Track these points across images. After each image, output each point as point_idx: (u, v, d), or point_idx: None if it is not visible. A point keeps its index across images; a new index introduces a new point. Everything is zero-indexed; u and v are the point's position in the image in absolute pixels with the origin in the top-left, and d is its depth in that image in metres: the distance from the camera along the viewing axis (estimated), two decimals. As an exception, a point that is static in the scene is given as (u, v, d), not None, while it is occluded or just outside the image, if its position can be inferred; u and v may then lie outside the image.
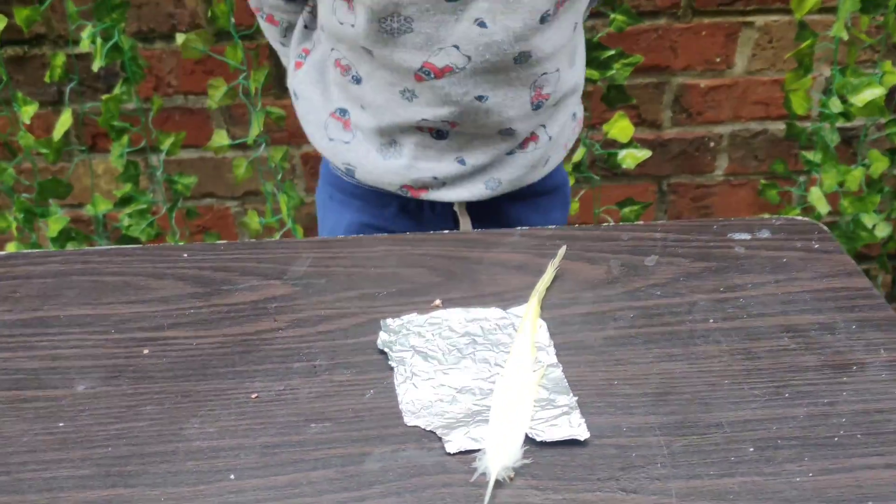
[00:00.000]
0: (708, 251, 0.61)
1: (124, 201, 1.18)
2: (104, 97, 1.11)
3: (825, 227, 0.62)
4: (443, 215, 0.81)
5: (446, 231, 0.65)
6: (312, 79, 0.80)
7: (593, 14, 1.16)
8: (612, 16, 1.08)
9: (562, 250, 0.60)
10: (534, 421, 0.46)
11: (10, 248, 1.23)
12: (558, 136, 0.80)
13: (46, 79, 1.10)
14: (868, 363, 0.50)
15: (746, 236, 0.62)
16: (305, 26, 0.82)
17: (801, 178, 1.36)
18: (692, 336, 0.53)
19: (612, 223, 0.95)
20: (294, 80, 0.83)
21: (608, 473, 0.43)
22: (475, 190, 0.77)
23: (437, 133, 0.74)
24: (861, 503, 0.41)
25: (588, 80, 1.15)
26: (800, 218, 0.64)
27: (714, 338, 0.53)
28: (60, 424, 0.48)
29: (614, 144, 1.21)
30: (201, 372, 0.51)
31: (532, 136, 0.77)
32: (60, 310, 0.57)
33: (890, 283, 1.51)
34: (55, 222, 1.18)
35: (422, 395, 0.49)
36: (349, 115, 0.77)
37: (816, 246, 0.61)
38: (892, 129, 1.26)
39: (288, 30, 0.84)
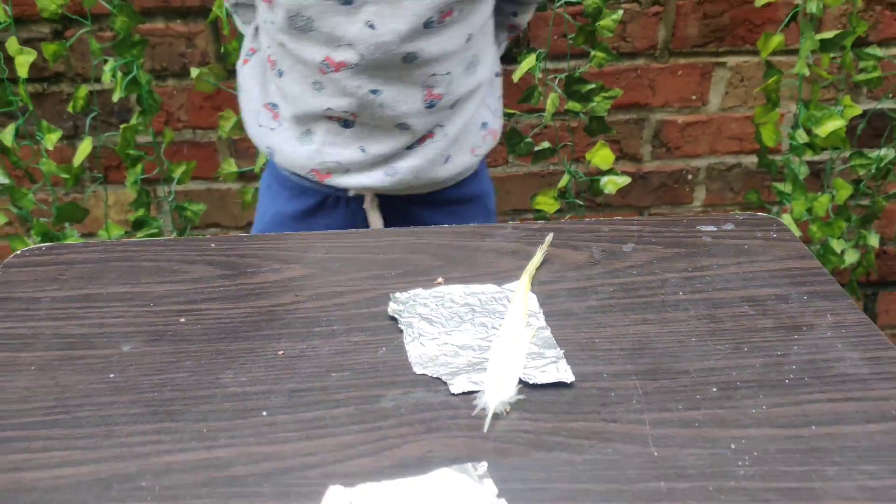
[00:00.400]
0: (679, 240, 0.69)
1: (137, 225, 1.26)
2: (122, 126, 1.19)
3: (782, 222, 0.70)
4: (358, 213, 0.91)
5: (446, 225, 0.72)
6: (255, 73, 0.92)
7: (577, 54, 1.26)
8: (592, 52, 1.18)
9: (549, 237, 0.67)
10: (526, 369, 0.53)
11: (27, 270, 1.29)
12: (460, 138, 0.89)
13: (70, 108, 1.18)
14: (816, 325, 0.58)
15: (713, 228, 0.70)
16: (257, 28, 0.92)
17: (774, 209, 1.45)
18: (664, 305, 0.60)
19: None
20: (240, 75, 0.95)
21: (591, 408, 0.50)
22: (374, 177, 0.87)
23: (343, 123, 0.85)
24: (805, 426, 0.48)
25: (570, 113, 1.25)
26: (760, 214, 0.72)
27: (683, 306, 0.60)
28: (111, 376, 0.54)
29: (597, 174, 1.30)
30: (232, 335, 0.58)
31: (429, 134, 0.87)
32: (103, 288, 0.63)
33: (862, 309, 1.59)
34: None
35: (428, 351, 0.56)
36: (279, 109, 0.88)
37: (774, 236, 0.69)
38: (855, 161, 1.35)
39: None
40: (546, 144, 1.26)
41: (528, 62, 1.17)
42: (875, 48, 1.27)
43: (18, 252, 0.68)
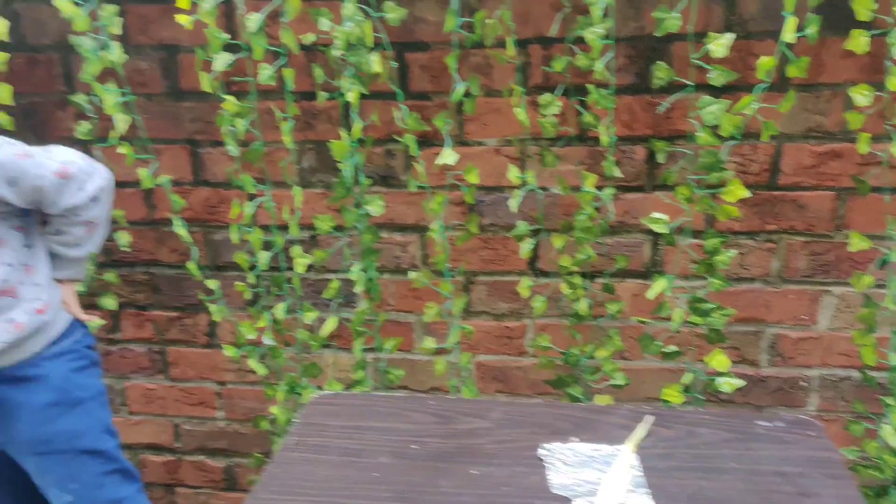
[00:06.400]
0: (741, 428, 1.00)
1: (357, 383, 1.69)
2: (357, 310, 1.66)
3: (820, 424, 1.00)
4: None
5: (583, 404, 1.08)
6: None
7: (701, 276, 1.61)
8: (710, 280, 1.53)
9: (649, 418, 1.01)
10: (625, 498, 0.87)
11: (274, 410, 1.75)
12: None
13: (325, 295, 1.66)
14: (823, 495, 0.87)
15: (767, 423, 1.01)
16: None
17: (882, 418, 1.68)
18: (720, 470, 0.92)
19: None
20: None
21: (659, 524, 0.83)
22: None
23: None
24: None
25: (689, 325, 1.58)
26: (804, 416, 1.02)
27: (732, 472, 0.91)
28: (375, 474, 0.93)
29: (716, 375, 1.60)
30: (445, 458, 0.95)
31: None
32: (365, 422, 1.04)
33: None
34: (307, 393, 1.70)
35: (563, 481, 0.90)
36: None
37: (811, 433, 0.99)
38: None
39: None
40: (673, 348, 1.60)
41: (661, 284, 1.53)
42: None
43: (317, 395, 1.10)
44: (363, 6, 1.47)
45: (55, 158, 1.34)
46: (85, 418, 1.37)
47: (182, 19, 1.48)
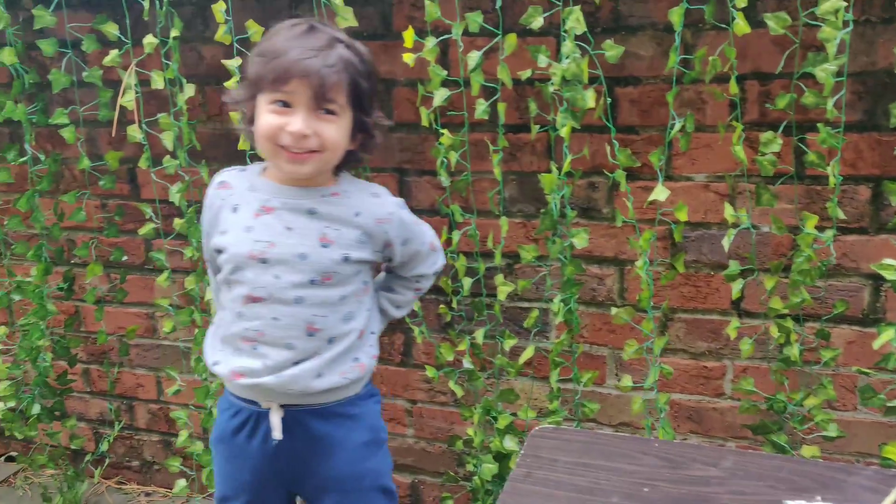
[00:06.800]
0: None
1: (551, 413, 1.70)
2: (556, 341, 1.67)
3: None
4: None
5: (821, 461, 1.03)
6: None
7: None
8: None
9: (900, 483, 0.96)
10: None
11: (470, 431, 1.79)
12: (333, 364, 1.32)
13: (525, 324, 1.68)
14: None
15: None
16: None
17: None
18: None
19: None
20: None
21: None
22: (265, 380, 1.30)
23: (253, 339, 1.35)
24: None
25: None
26: None
27: None
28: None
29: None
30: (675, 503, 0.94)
31: (312, 355, 1.30)
32: (591, 460, 1.04)
33: None
34: (503, 420, 1.73)
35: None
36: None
37: None
38: None
39: None
40: (896, 402, 1.50)
41: (888, 334, 1.44)
42: None
43: (538, 428, 1.12)
44: (580, 43, 1.49)
45: (428, 231, 1.47)
46: (385, 458, 1.44)
47: (407, 57, 1.56)
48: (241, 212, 1.33)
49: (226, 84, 1.69)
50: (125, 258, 2.13)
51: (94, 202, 2.13)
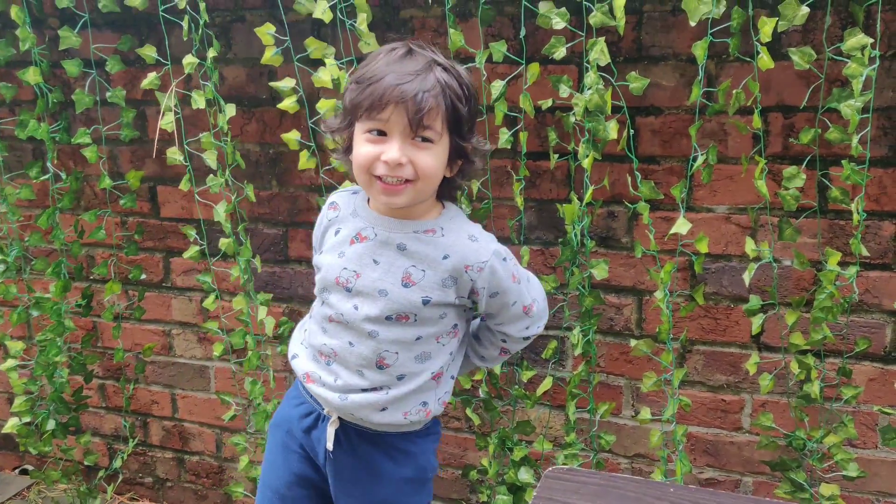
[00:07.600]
0: None
1: (568, 445, 1.68)
2: (574, 373, 1.66)
3: None
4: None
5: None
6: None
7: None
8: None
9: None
10: None
11: (484, 462, 1.78)
12: (399, 402, 1.30)
13: (543, 355, 1.67)
14: None
15: None
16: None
17: None
18: None
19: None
20: None
21: None
22: (331, 396, 1.30)
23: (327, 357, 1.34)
24: None
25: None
26: None
27: None
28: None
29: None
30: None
31: (378, 387, 1.28)
32: (607, 502, 1.03)
33: None
34: (519, 452, 1.71)
35: None
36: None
37: None
38: None
39: None
40: (919, 443, 1.47)
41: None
42: None
43: (552, 469, 1.10)
44: (603, 74, 1.49)
45: (530, 293, 1.36)
46: (425, 496, 1.42)
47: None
48: (340, 235, 1.32)
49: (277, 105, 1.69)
50: (143, 276, 2.14)
51: (114, 219, 2.15)
